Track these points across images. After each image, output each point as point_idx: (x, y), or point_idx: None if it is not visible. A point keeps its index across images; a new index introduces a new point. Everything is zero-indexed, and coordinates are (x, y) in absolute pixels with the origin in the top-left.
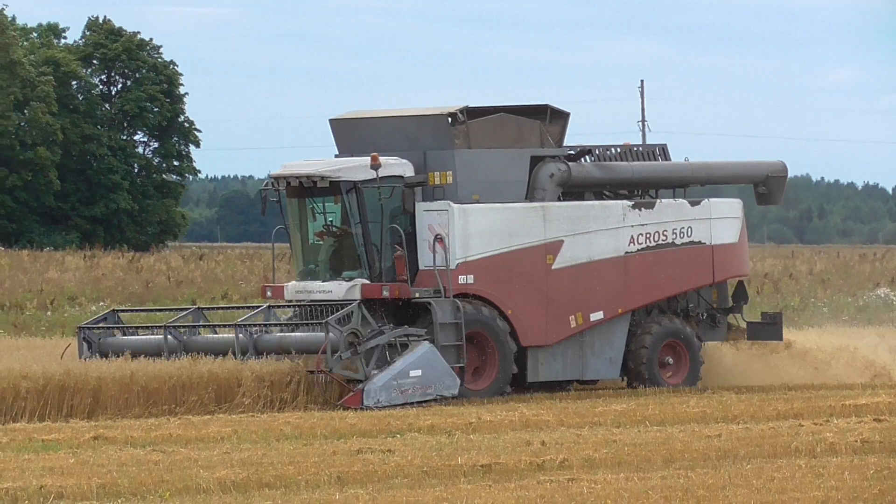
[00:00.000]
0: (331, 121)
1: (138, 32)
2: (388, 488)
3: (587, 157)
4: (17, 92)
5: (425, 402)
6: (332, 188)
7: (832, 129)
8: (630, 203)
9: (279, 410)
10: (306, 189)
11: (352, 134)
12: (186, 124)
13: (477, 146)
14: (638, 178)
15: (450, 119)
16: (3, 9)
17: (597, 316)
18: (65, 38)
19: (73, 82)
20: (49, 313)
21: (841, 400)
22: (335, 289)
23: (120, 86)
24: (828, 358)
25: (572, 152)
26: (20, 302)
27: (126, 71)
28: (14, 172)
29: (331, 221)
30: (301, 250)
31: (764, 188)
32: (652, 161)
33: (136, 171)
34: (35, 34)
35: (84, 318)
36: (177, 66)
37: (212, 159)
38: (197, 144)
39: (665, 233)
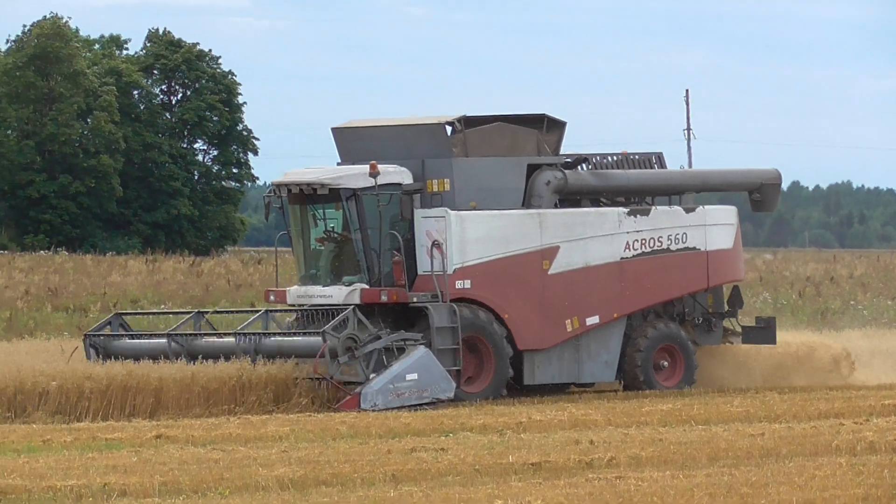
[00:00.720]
0: (332, 129)
1: (197, 43)
2: (441, 486)
3: (584, 165)
4: (80, 101)
5: (421, 404)
6: (332, 195)
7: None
8: (626, 210)
9: (335, 411)
10: (307, 196)
11: (353, 142)
12: (245, 132)
13: (474, 154)
14: (633, 185)
15: (447, 128)
16: (67, 21)
17: (593, 320)
18: (126, 49)
19: (135, 92)
20: None
21: (881, 399)
22: (335, 293)
23: (180, 95)
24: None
25: (569, 160)
26: (84, 305)
27: (186, 81)
28: (78, 179)
29: (332, 227)
30: (303, 256)
31: (758, 195)
32: (648, 169)
33: (195, 178)
34: (98, 46)
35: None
36: (235, 76)
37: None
38: (255, 152)
39: (660, 239)
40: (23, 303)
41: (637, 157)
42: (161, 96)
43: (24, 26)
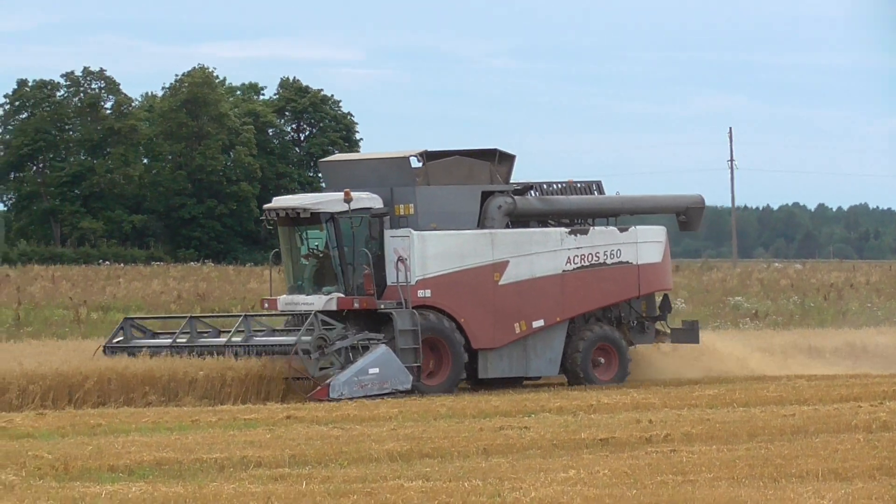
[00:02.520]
0: (320, 162)
1: (322, 90)
2: (524, 458)
3: (532, 192)
4: (224, 138)
5: (382, 394)
6: (314, 218)
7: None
8: (567, 230)
9: (437, 395)
10: (292, 219)
11: (336, 173)
12: None
13: (435, 183)
14: (575, 208)
15: (412, 161)
16: (213, 71)
17: (538, 323)
18: (263, 94)
19: (270, 130)
20: None
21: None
22: (316, 301)
23: (307, 133)
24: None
25: (518, 188)
26: (227, 308)
27: (312, 121)
28: (222, 203)
29: (315, 246)
30: (291, 269)
31: (684, 217)
32: (588, 195)
33: None
34: (239, 91)
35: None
36: (353, 116)
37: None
38: None
39: (597, 254)
40: (175, 306)
41: (580, 184)
42: (291, 133)
43: (177, 75)
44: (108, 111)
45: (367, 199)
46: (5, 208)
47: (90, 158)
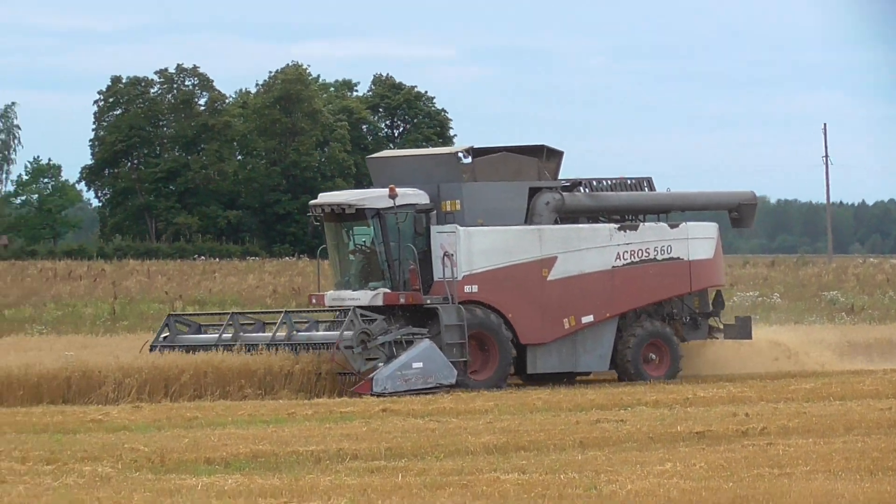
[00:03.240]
0: (367, 159)
1: (416, 86)
2: (620, 451)
3: (581, 189)
4: (318, 134)
5: (426, 389)
6: (359, 214)
7: None
8: (616, 226)
9: (533, 388)
10: (337, 215)
11: (383, 169)
12: None
13: (482, 179)
14: (625, 205)
15: (458, 157)
16: (306, 68)
17: (587, 319)
18: (356, 91)
19: (363, 126)
20: None
21: None
22: (362, 297)
23: (401, 129)
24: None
25: (567, 184)
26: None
27: (406, 117)
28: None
29: (363, 242)
30: (338, 265)
31: (736, 214)
32: (639, 191)
33: None
34: (333, 88)
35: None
36: (447, 112)
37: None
38: None
39: (647, 250)
40: (271, 300)
41: (631, 180)
42: (385, 130)
43: (270, 72)
44: (202, 108)
45: (412, 195)
46: (101, 204)
47: (184, 155)
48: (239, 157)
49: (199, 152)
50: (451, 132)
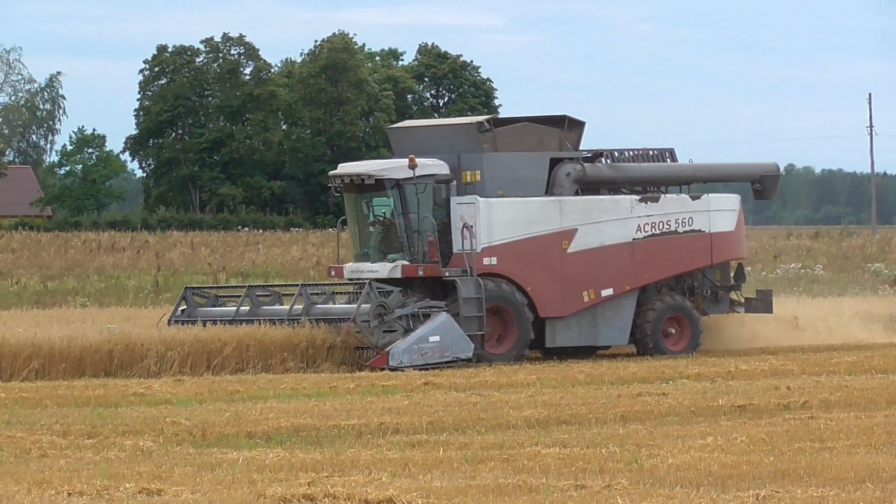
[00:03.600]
0: (388, 129)
1: (461, 55)
2: (662, 424)
3: (603, 159)
4: (363, 104)
5: (443, 363)
6: (378, 185)
7: None
8: (637, 197)
9: (575, 362)
10: (357, 186)
11: (404, 140)
12: None
13: (503, 150)
14: (647, 176)
15: (479, 127)
16: (352, 37)
17: (607, 292)
18: (402, 60)
19: (409, 96)
20: None
21: None
22: (381, 269)
23: (446, 99)
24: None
25: (589, 154)
26: None
27: (451, 87)
28: None
29: (383, 213)
30: (358, 237)
31: (759, 185)
32: (661, 162)
33: None
34: (378, 58)
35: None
36: (492, 82)
37: None
38: None
39: (669, 222)
40: (315, 272)
41: (653, 151)
42: (430, 99)
43: (316, 41)
44: (248, 77)
45: (432, 166)
46: (145, 175)
47: (229, 125)
48: (284, 127)
49: (244, 122)
50: (497, 102)
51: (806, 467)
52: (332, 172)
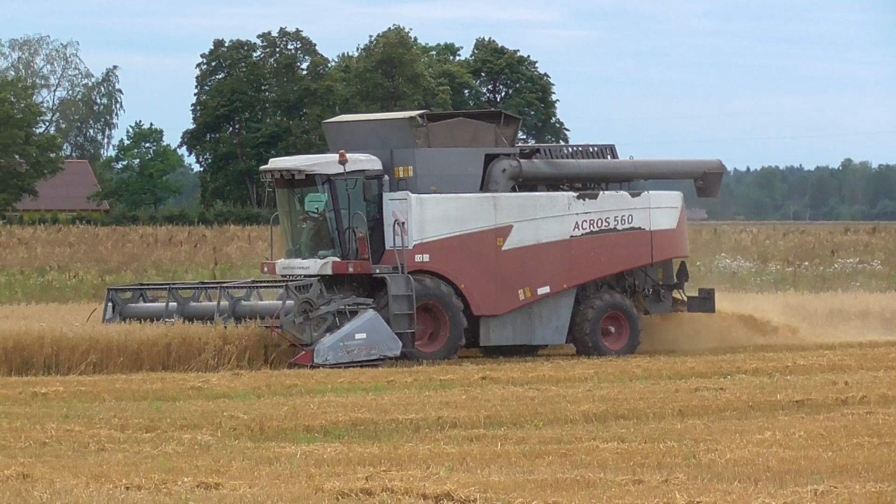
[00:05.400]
0: (323, 123)
1: (518, 50)
2: (719, 419)
3: (541, 155)
4: (420, 99)
5: (370, 361)
6: (308, 180)
7: None
8: (575, 194)
9: (633, 356)
10: (287, 181)
11: (339, 134)
12: (557, 125)
13: (436, 145)
14: (584, 173)
15: (411, 122)
16: (408, 31)
17: (544, 290)
18: (458, 55)
19: (465, 91)
20: None
21: None
22: (312, 265)
23: (503, 94)
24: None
25: (525, 150)
26: None
27: (508, 81)
28: None
29: (317, 209)
30: (290, 233)
31: (702, 183)
32: (601, 159)
33: None
34: (434, 52)
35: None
36: (549, 77)
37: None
38: (567, 141)
39: (607, 220)
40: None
41: (593, 148)
42: (487, 94)
43: (371, 36)
44: (304, 72)
45: (364, 161)
46: (201, 169)
47: (286, 119)
48: None
49: (301, 117)
50: (553, 96)
51: (864, 462)
52: (262, 167)
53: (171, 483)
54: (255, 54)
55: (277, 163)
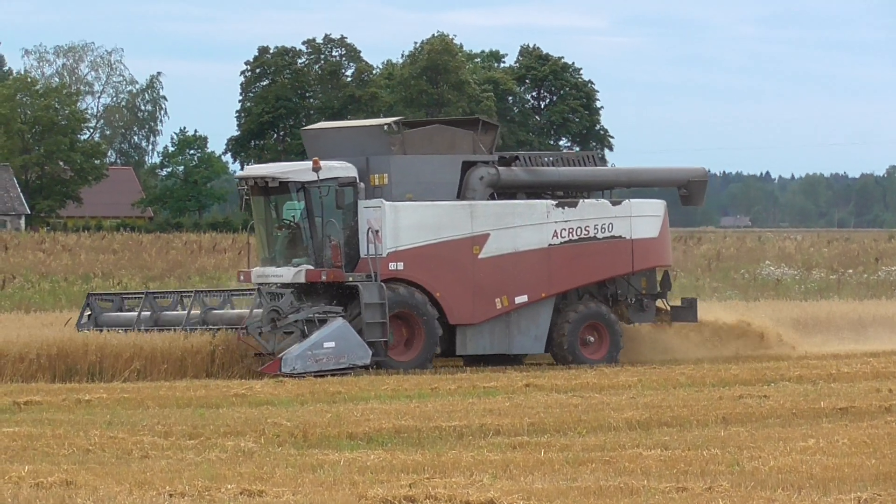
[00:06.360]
0: (301, 131)
1: (562, 57)
2: (763, 427)
3: (520, 162)
4: (464, 106)
5: (339, 370)
6: (283, 188)
7: None
8: (554, 202)
9: (676, 364)
10: (262, 189)
11: (316, 142)
12: (602, 132)
13: (412, 152)
14: (564, 180)
15: (386, 129)
16: (453, 38)
17: (521, 299)
18: (503, 62)
19: (510, 98)
20: None
21: None
22: (286, 274)
23: (547, 101)
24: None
25: (504, 157)
26: None
27: (552, 88)
28: None
29: (292, 216)
30: (266, 240)
31: (685, 191)
32: (583, 166)
33: None
34: (479, 59)
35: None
36: (594, 84)
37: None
38: (611, 148)
39: (587, 228)
40: None
41: (576, 156)
42: (531, 101)
43: (416, 43)
44: (349, 79)
45: (338, 168)
46: None
47: None
48: None
49: None
50: (598, 103)
51: None
52: (238, 174)
53: (214, 490)
54: (299, 61)
55: (252, 170)
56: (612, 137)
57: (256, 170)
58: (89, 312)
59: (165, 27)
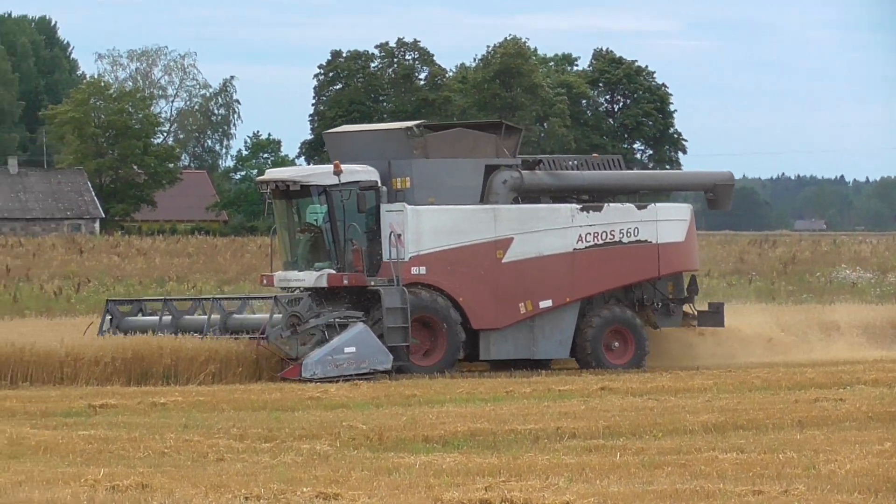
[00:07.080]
0: (324, 134)
1: (636, 61)
2: (839, 430)
3: (544, 166)
4: (538, 109)
5: (360, 374)
6: (304, 191)
7: None
8: (579, 206)
9: (752, 367)
10: (283, 192)
11: (339, 145)
12: (675, 135)
13: (434, 156)
14: (588, 184)
15: (408, 132)
16: (526, 41)
17: (546, 303)
18: (576, 65)
19: (583, 101)
20: None
21: None
22: (307, 278)
23: (621, 104)
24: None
25: (528, 161)
26: None
27: (626, 92)
28: None
29: (315, 220)
30: (288, 244)
31: (712, 195)
32: (607, 170)
33: None
34: (552, 63)
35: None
36: (667, 87)
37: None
38: (684, 151)
39: (612, 232)
40: None
41: (601, 160)
42: (605, 105)
43: (489, 47)
44: (422, 82)
45: (360, 172)
46: None
47: None
48: None
49: None
50: (671, 107)
51: None
52: (259, 178)
53: (289, 493)
54: (372, 65)
55: (274, 173)
56: (686, 141)
57: (278, 173)
58: (110, 318)
59: (238, 32)
